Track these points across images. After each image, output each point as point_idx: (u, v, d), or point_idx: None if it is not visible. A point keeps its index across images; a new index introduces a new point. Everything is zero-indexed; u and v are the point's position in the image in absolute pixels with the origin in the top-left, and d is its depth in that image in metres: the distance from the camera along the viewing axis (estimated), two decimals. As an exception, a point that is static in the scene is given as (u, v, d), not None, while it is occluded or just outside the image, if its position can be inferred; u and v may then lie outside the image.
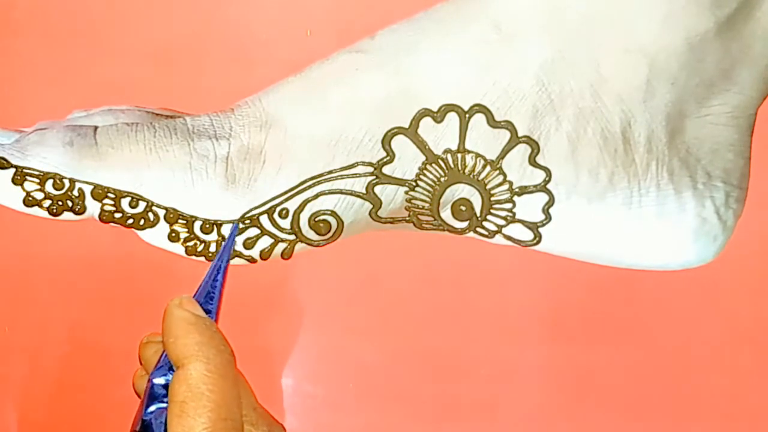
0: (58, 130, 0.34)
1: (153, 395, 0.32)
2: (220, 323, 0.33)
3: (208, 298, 0.33)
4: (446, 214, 0.35)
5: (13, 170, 0.34)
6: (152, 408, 0.32)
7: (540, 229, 0.35)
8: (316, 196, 0.34)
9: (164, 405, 0.31)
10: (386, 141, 0.34)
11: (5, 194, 0.34)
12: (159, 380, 0.32)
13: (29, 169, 0.34)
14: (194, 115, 0.36)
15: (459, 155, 0.34)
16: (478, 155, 0.34)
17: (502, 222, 0.35)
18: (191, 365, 0.31)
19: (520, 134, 0.34)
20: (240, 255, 0.35)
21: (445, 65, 0.34)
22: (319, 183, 0.34)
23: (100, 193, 0.34)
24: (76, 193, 0.34)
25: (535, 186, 0.35)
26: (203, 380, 0.30)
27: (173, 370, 0.31)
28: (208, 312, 0.33)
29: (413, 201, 0.35)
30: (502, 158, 0.34)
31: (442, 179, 0.34)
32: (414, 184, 0.35)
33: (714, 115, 0.35)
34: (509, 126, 0.34)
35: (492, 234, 0.35)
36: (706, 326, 0.62)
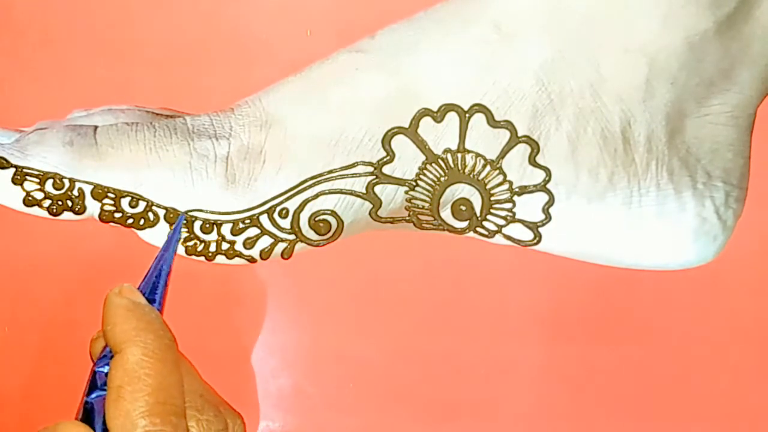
0: (58, 130, 0.34)
1: (95, 383, 0.32)
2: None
3: (153, 288, 0.33)
4: (446, 214, 0.35)
5: (13, 170, 0.34)
6: (93, 395, 0.31)
7: (540, 229, 0.35)
8: (316, 196, 0.34)
9: (105, 392, 0.31)
10: (386, 141, 0.34)
11: (5, 194, 0.34)
12: (102, 369, 0.32)
13: (29, 168, 0.34)
14: (194, 115, 0.36)
15: (459, 155, 0.34)
16: (478, 155, 0.34)
17: (502, 222, 0.35)
18: (128, 350, 0.31)
19: (520, 134, 0.34)
20: (240, 255, 0.35)
21: (445, 65, 0.34)
22: (319, 183, 0.34)
23: (100, 192, 0.34)
24: (76, 192, 0.34)
25: (535, 186, 0.35)
26: (140, 364, 0.30)
27: None
28: (152, 302, 0.33)
29: (413, 201, 0.35)
30: (502, 158, 0.34)
31: (442, 179, 0.34)
32: (414, 183, 0.35)
33: (714, 114, 0.35)
34: (509, 126, 0.34)
35: (492, 234, 0.35)
36: (707, 326, 0.62)
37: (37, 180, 0.34)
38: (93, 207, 0.34)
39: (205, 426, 0.31)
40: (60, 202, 0.34)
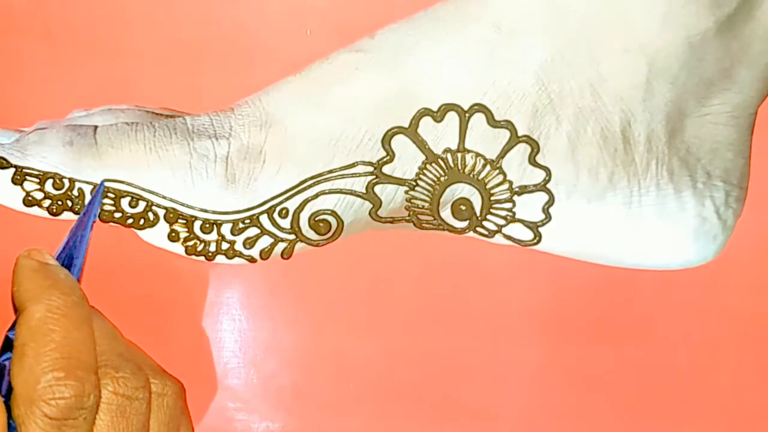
0: (58, 129, 0.34)
1: (6, 345, 0.31)
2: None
3: (70, 255, 0.33)
4: (446, 214, 0.35)
5: (12, 170, 0.34)
6: (3, 357, 0.31)
7: (540, 229, 0.35)
8: (316, 196, 0.34)
9: None
10: (386, 140, 0.34)
11: (5, 194, 0.34)
12: (13, 332, 0.31)
13: (29, 168, 0.34)
14: (194, 114, 0.36)
15: (459, 155, 0.34)
16: (478, 155, 0.34)
17: (502, 221, 0.35)
18: (32, 308, 0.30)
19: (519, 134, 0.34)
20: (240, 255, 0.35)
21: (444, 64, 0.34)
22: (319, 183, 0.34)
23: (100, 192, 0.34)
24: (75, 192, 0.34)
25: (534, 185, 0.35)
26: (44, 321, 0.30)
27: None
28: (70, 268, 0.32)
29: (413, 200, 0.35)
30: (502, 158, 0.34)
31: (442, 179, 0.34)
32: (414, 183, 0.35)
33: (714, 114, 0.35)
34: (509, 125, 0.34)
35: (492, 233, 0.35)
36: (707, 326, 0.62)
37: (37, 180, 0.34)
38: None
39: (121, 383, 0.30)
40: (60, 202, 0.34)
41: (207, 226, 0.34)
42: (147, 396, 0.31)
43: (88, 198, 0.34)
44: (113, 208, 0.34)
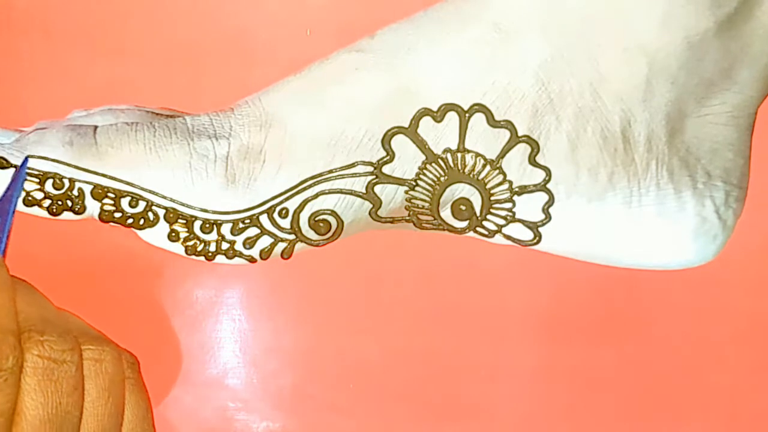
0: (58, 129, 0.34)
1: None
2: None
3: None
4: (446, 214, 0.35)
5: (13, 170, 0.34)
6: None
7: (540, 229, 0.35)
8: (316, 196, 0.34)
9: None
10: (386, 140, 0.34)
11: (5, 194, 0.34)
12: None
13: (29, 168, 0.34)
14: (194, 114, 0.36)
15: (459, 155, 0.34)
16: (477, 155, 0.34)
17: (501, 221, 0.35)
18: None
19: (519, 134, 0.34)
20: (240, 255, 0.35)
21: (444, 64, 0.34)
22: (318, 182, 0.34)
23: (99, 192, 0.34)
24: (75, 192, 0.34)
25: (534, 185, 0.35)
26: None
27: None
28: None
29: (413, 200, 0.35)
30: (502, 158, 0.34)
31: (442, 179, 0.34)
32: (414, 183, 0.35)
33: (714, 114, 0.35)
34: (509, 125, 0.34)
35: (492, 233, 0.35)
36: (707, 326, 0.62)
37: (37, 180, 0.34)
38: (93, 207, 0.34)
39: (46, 346, 0.30)
40: (60, 202, 0.34)
41: (207, 226, 0.34)
42: (76, 359, 0.31)
43: (88, 198, 0.34)
44: (113, 208, 0.34)
